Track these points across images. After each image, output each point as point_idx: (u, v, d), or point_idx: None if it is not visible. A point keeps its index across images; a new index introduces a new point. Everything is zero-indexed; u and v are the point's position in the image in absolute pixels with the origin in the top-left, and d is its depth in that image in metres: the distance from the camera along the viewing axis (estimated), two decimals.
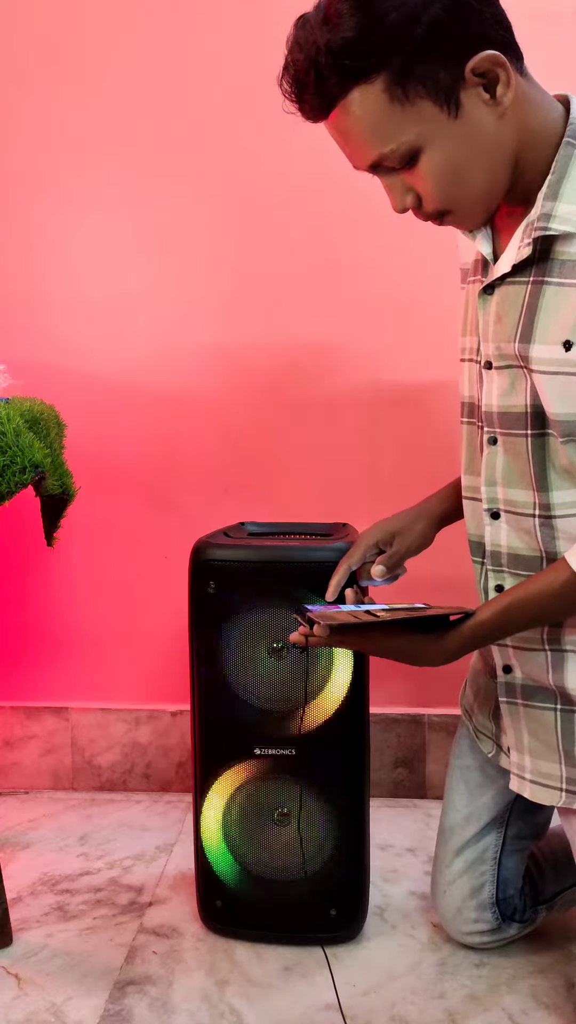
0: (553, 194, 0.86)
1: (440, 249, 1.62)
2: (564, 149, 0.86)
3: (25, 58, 1.67)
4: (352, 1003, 1.10)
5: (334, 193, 1.64)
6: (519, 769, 1.03)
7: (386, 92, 0.81)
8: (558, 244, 0.86)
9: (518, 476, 0.97)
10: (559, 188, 0.85)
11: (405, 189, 0.89)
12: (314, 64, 0.81)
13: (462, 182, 0.87)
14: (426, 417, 1.66)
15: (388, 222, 1.63)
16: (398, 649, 0.93)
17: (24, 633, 1.76)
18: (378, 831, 1.53)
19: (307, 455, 1.70)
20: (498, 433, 0.98)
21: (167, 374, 1.71)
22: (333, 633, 0.90)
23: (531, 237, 0.87)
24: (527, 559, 0.98)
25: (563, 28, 1.52)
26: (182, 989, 1.13)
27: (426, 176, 0.86)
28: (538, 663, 0.99)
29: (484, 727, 1.13)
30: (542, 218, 0.86)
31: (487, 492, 1.01)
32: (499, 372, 0.96)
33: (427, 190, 0.87)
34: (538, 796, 1.01)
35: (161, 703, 1.76)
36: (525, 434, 0.94)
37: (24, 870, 1.45)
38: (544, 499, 0.94)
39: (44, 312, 1.71)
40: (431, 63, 0.80)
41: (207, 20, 1.63)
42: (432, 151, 0.84)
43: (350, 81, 0.81)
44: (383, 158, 0.85)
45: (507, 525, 1.00)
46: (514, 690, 1.02)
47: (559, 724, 0.98)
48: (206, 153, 1.66)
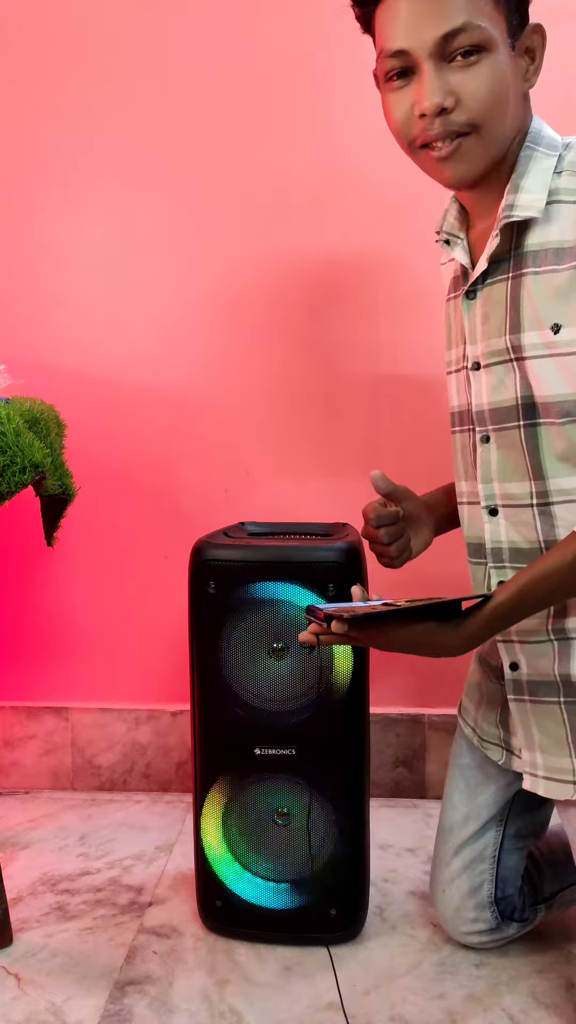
0: (515, 188, 0.95)
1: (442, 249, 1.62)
2: (525, 151, 0.96)
3: (25, 58, 1.67)
4: (352, 1003, 1.10)
5: (334, 192, 1.64)
6: (532, 767, 1.03)
7: None
8: (528, 236, 0.94)
9: (512, 468, 0.99)
10: (519, 182, 0.94)
11: (448, 89, 0.90)
12: None
13: (501, 104, 0.91)
14: (426, 417, 1.66)
15: (388, 220, 1.64)
16: (416, 640, 0.91)
17: (24, 633, 1.77)
18: (378, 831, 1.53)
19: (307, 455, 1.70)
20: (490, 430, 1.01)
21: (167, 374, 1.71)
22: (352, 627, 0.89)
23: (499, 228, 0.94)
24: (528, 552, 1.00)
25: (564, 27, 1.53)
26: (182, 989, 1.13)
27: (483, 77, 0.90)
28: (544, 654, 0.99)
29: (490, 735, 1.13)
30: (506, 208, 0.94)
31: (484, 489, 1.03)
32: (488, 371, 1.00)
33: (476, 92, 0.90)
34: (551, 792, 1.01)
35: (161, 703, 1.76)
36: (518, 426, 0.97)
37: (24, 870, 1.45)
38: (541, 487, 0.97)
39: (44, 312, 1.71)
40: (514, 4, 0.91)
41: (207, 20, 1.63)
42: (496, 59, 0.90)
43: None
44: (466, 29, 0.88)
45: (505, 520, 1.01)
46: (521, 687, 1.03)
47: (566, 717, 0.99)
48: (206, 153, 1.66)
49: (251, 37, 1.62)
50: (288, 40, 1.61)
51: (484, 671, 1.14)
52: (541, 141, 0.96)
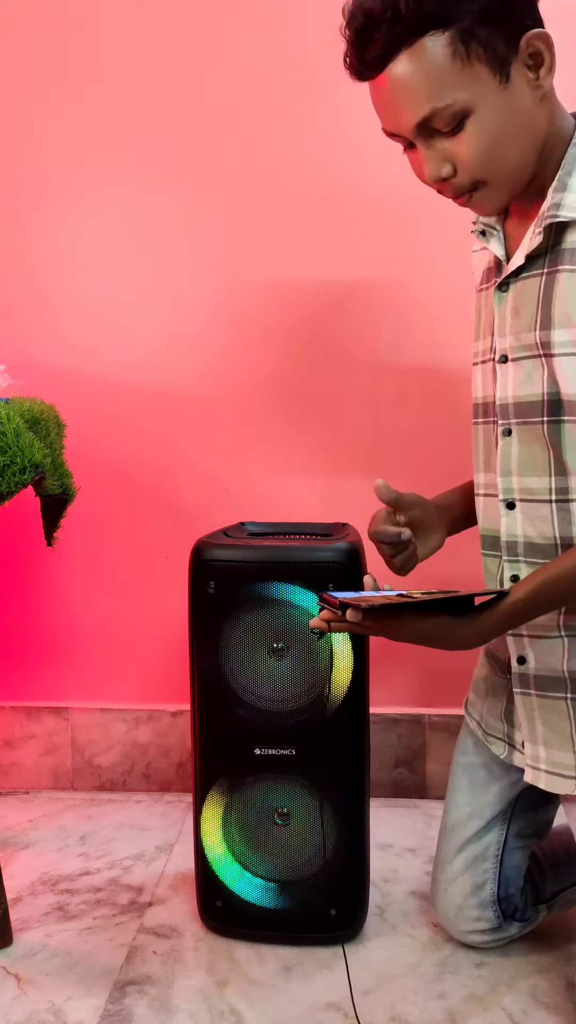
0: (562, 186, 0.91)
1: (442, 250, 1.62)
2: (573, 149, 0.93)
3: (26, 59, 1.67)
4: (352, 1003, 1.10)
5: (335, 194, 1.64)
6: (534, 760, 1.04)
7: (450, 47, 0.85)
8: (568, 233, 0.91)
9: (533, 463, 0.99)
10: (568, 181, 0.91)
11: (443, 158, 0.91)
12: (392, 7, 0.84)
13: (502, 153, 0.90)
14: (426, 417, 1.66)
15: (388, 223, 1.64)
16: (430, 633, 0.91)
17: (24, 633, 1.76)
18: (378, 831, 1.53)
19: (307, 455, 1.70)
20: (513, 424, 1.01)
21: (167, 374, 1.71)
22: (366, 617, 0.88)
23: (542, 226, 0.92)
24: (542, 547, 1.00)
25: (572, 28, 1.52)
26: (182, 989, 1.13)
27: (470, 141, 0.88)
28: (554, 650, 1.00)
29: (495, 729, 1.13)
30: (552, 207, 0.91)
31: (502, 483, 1.03)
32: (515, 364, 0.99)
33: (468, 156, 0.89)
34: (553, 786, 1.01)
35: (161, 703, 1.76)
36: (541, 421, 0.97)
37: (24, 870, 1.45)
38: (561, 483, 0.97)
39: (44, 312, 1.71)
40: (494, 29, 0.85)
41: (208, 21, 1.63)
42: (480, 116, 0.87)
43: (423, 28, 0.84)
44: (434, 114, 0.87)
45: (522, 514, 1.01)
46: (528, 681, 1.03)
47: (572, 713, 0.99)
48: (207, 153, 1.66)
49: (252, 38, 1.62)
50: (288, 42, 1.61)
51: (491, 665, 1.14)
52: None
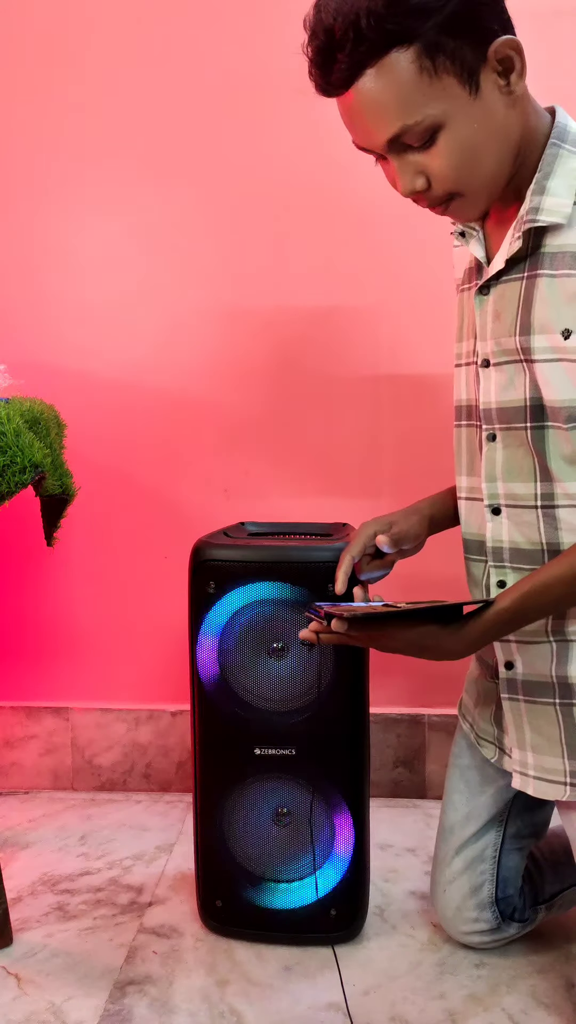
0: (540, 189, 0.90)
1: (440, 247, 1.62)
2: (550, 149, 0.91)
3: (25, 60, 1.67)
4: (352, 1003, 1.10)
5: (334, 193, 1.64)
6: (522, 767, 1.03)
7: (416, 62, 0.83)
8: (547, 237, 0.91)
9: (518, 469, 0.98)
10: (546, 184, 0.90)
11: (416, 171, 0.90)
12: (353, 25, 0.82)
13: (476, 164, 0.88)
14: (426, 417, 1.66)
15: (387, 221, 1.64)
16: (416, 642, 0.91)
17: (24, 633, 1.77)
18: (378, 831, 1.53)
19: (307, 455, 1.70)
20: (497, 429, 1.00)
21: (167, 374, 1.71)
22: (351, 627, 0.89)
23: (521, 231, 0.91)
24: (529, 552, 0.99)
25: (564, 27, 1.53)
26: (182, 989, 1.13)
27: (443, 154, 0.87)
28: (542, 655, 0.99)
29: (486, 732, 1.13)
30: (531, 211, 0.90)
31: (487, 488, 1.02)
32: (497, 369, 0.98)
33: (441, 170, 0.88)
34: (541, 792, 1.01)
35: (161, 703, 1.76)
36: (525, 427, 0.96)
37: (24, 870, 1.45)
38: (547, 489, 0.96)
39: (44, 312, 1.71)
40: (460, 39, 0.83)
41: (207, 22, 1.63)
42: (452, 129, 0.86)
43: (387, 45, 0.82)
44: (405, 131, 0.86)
45: (508, 520, 1.01)
46: (515, 686, 1.03)
47: (560, 718, 0.99)
48: (206, 154, 1.66)
49: (251, 38, 1.62)
50: (290, 42, 1.61)
51: (481, 669, 1.14)
52: (567, 138, 0.91)
